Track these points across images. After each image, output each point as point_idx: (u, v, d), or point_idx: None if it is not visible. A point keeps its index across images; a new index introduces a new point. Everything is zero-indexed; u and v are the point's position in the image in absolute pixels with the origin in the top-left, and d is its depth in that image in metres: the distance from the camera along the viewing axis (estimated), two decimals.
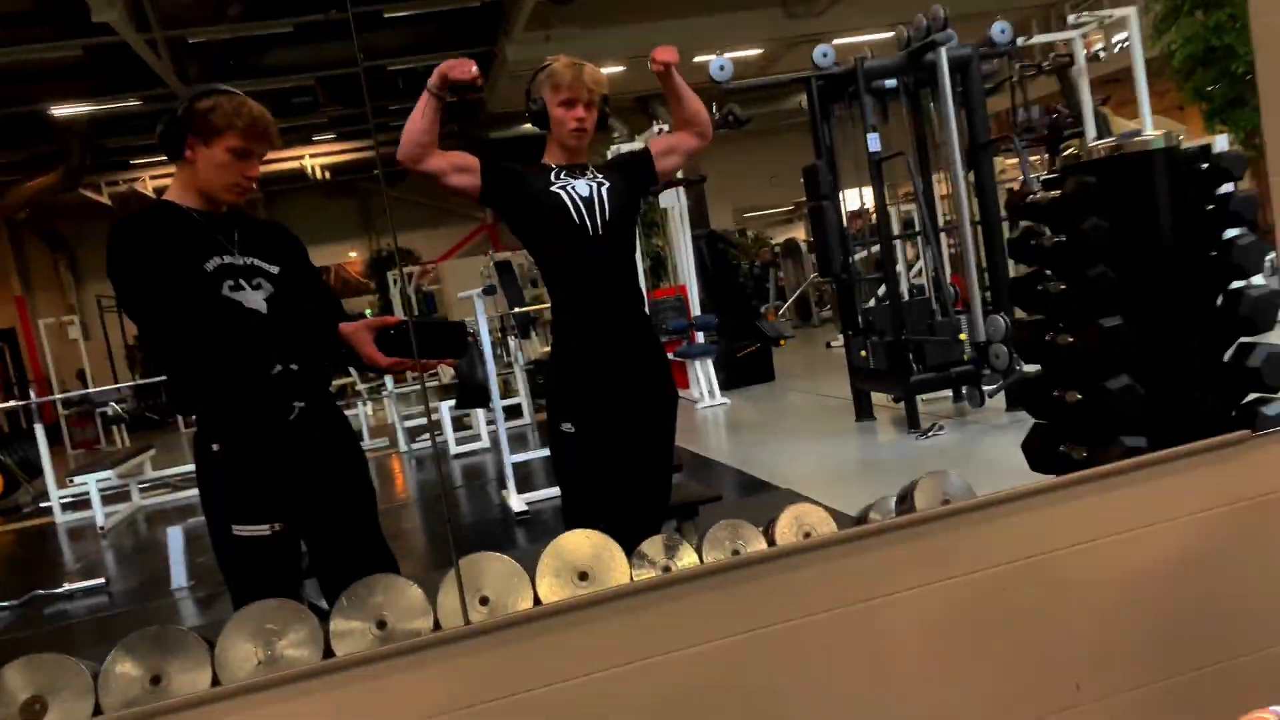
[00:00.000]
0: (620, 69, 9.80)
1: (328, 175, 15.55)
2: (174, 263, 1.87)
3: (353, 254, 17.56)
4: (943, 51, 5.21)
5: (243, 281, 1.93)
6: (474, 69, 2.10)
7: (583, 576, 1.61)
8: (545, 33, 10.20)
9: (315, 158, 14.97)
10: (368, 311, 13.17)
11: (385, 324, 1.96)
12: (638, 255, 6.96)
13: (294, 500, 1.96)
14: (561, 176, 2.32)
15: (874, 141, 5.47)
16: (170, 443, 9.16)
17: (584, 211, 2.28)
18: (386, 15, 9.75)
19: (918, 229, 6.16)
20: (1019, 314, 2.22)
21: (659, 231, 9.52)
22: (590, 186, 2.31)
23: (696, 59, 5.89)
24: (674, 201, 8.58)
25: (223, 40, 9.97)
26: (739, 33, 10.67)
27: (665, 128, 8.24)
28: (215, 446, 1.92)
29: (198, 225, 1.93)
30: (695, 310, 8.47)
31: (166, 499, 7.08)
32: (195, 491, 2.00)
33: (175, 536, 4.55)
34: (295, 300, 2.00)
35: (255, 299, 1.93)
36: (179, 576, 4.50)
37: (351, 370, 6.48)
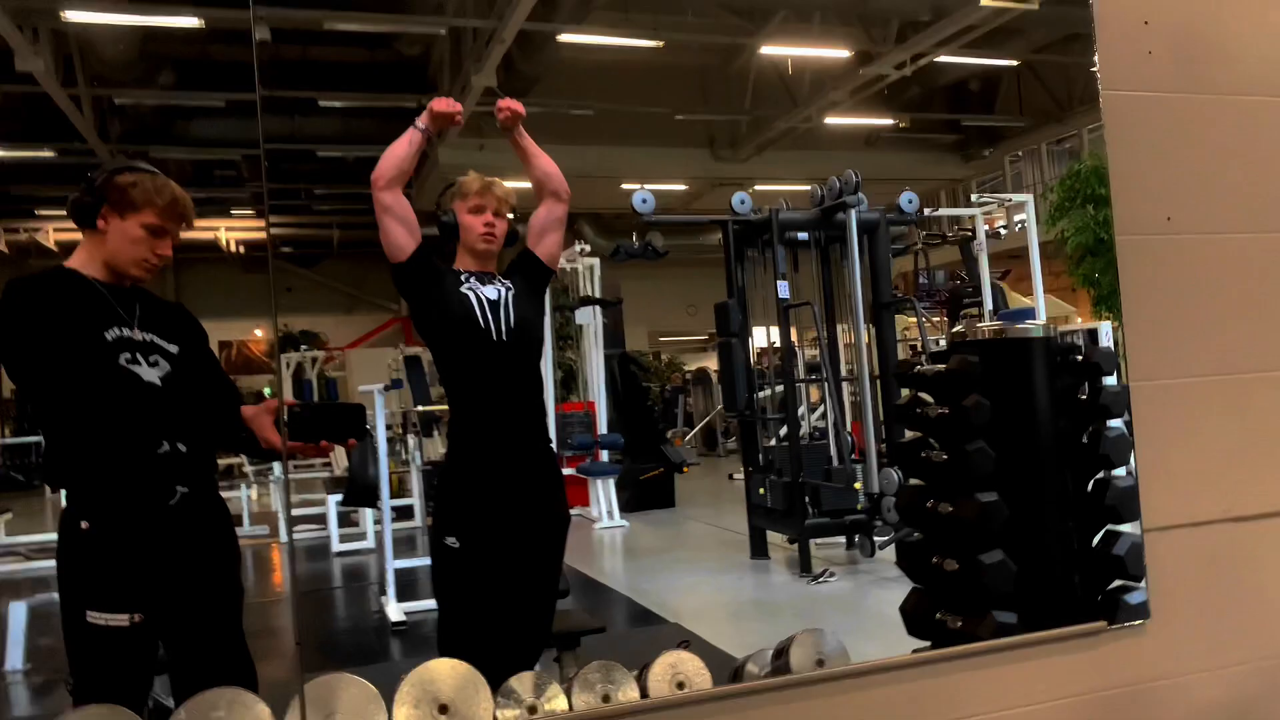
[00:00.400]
0: None
1: (242, 250, 15.28)
2: (72, 328, 1.84)
3: (258, 332, 17.11)
4: (853, 213, 5.50)
5: (140, 356, 1.89)
6: (458, 105, 2.22)
7: (443, 709, 1.56)
8: (479, 141, 10.43)
9: (231, 231, 14.71)
10: (267, 390, 12.82)
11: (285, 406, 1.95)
12: (547, 367, 6.94)
13: (158, 592, 1.87)
14: (470, 281, 2.36)
15: (783, 289, 5.68)
16: (32, 507, 8.57)
17: (490, 316, 2.31)
18: (322, 105, 9.86)
19: (820, 375, 6.34)
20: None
21: (573, 345, 9.58)
22: (499, 291, 2.35)
23: (624, 185, 6.09)
24: (590, 319, 8.69)
25: (150, 105, 9.88)
26: (667, 167, 11.09)
27: (588, 247, 8.41)
28: (85, 524, 1.83)
29: (99, 295, 1.90)
30: (602, 428, 8.46)
31: (16, 568, 6.58)
32: (49, 564, 1.88)
33: (17, 612, 4.24)
34: (191, 382, 1.97)
35: (151, 375, 1.90)
36: (14, 658, 4.17)
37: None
